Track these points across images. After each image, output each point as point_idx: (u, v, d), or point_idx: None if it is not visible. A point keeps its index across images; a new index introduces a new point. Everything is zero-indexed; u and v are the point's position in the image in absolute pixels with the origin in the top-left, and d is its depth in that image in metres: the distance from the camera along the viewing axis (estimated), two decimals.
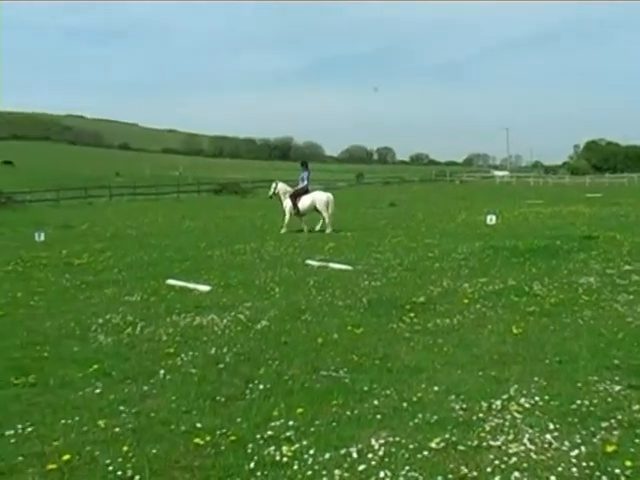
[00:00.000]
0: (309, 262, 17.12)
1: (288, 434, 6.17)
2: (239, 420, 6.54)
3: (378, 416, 6.57)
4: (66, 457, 5.76)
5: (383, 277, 14.65)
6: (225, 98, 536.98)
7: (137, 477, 5.45)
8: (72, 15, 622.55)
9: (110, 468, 5.59)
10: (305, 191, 27.57)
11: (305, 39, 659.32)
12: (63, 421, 6.69)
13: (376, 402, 6.96)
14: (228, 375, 8.00)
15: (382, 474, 5.37)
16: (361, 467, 5.50)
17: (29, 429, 6.51)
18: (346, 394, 7.24)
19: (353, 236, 23.40)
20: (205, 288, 13.72)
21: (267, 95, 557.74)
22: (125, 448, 5.93)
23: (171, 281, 14.65)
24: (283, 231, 26.46)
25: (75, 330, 10.55)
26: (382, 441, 5.95)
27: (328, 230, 26.38)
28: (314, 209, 27.14)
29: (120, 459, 5.74)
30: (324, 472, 5.44)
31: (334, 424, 6.41)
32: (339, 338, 9.56)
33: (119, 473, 5.51)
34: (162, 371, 8.17)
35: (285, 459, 5.68)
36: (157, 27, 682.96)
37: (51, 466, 5.64)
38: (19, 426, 6.55)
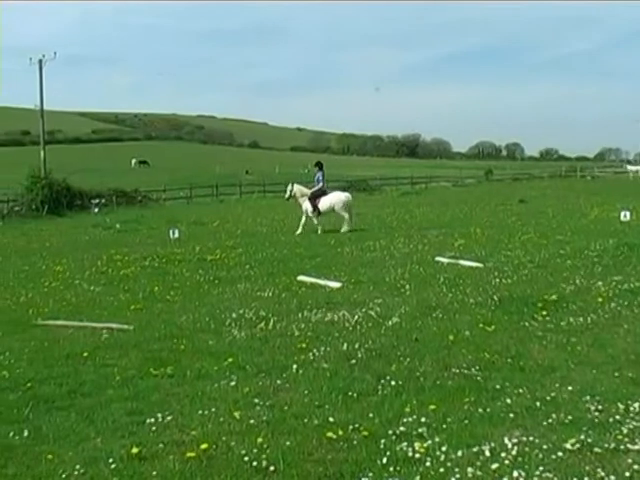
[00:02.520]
0: (439, 259, 17.03)
1: (420, 430, 6.18)
2: (371, 415, 6.59)
3: (511, 415, 6.51)
4: (204, 446, 5.93)
5: (514, 274, 14.44)
6: (352, 95, 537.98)
7: (272, 468, 5.57)
8: (204, 18, 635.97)
9: (246, 458, 5.73)
10: (323, 192, 27.38)
11: (432, 34, 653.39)
12: (200, 411, 6.91)
13: (509, 401, 6.89)
14: (360, 371, 8.07)
15: (515, 474, 5.31)
16: (494, 466, 5.45)
17: (168, 418, 6.75)
18: (478, 392, 7.20)
19: (483, 233, 23.09)
20: (336, 284, 13.84)
21: (394, 91, 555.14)
22: (260, 440, 6.07)
23: (302, 277, 14.84)
24: (298, 232, 26.27)
25: (210, 324, 10.86)
26: (515, 440, 5.89)
27: (344, 229, 26.21)
28: (332, 210, 26.98)
29: (255, 450, 5.87)
30: (457, 470, 5.42)
31: (466, 422, 6.38)
32: (470, 335, 9.51)
33: (254, 464, 5.64)
34: (295, 365, 8.31)
35: (417, 455, 5.69)
36: (283, 27, 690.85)
37: (190, 454, 5.83)
38: (159, 415, 6.81)
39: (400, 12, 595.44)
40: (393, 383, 7.52)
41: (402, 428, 6.24)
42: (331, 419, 6.52)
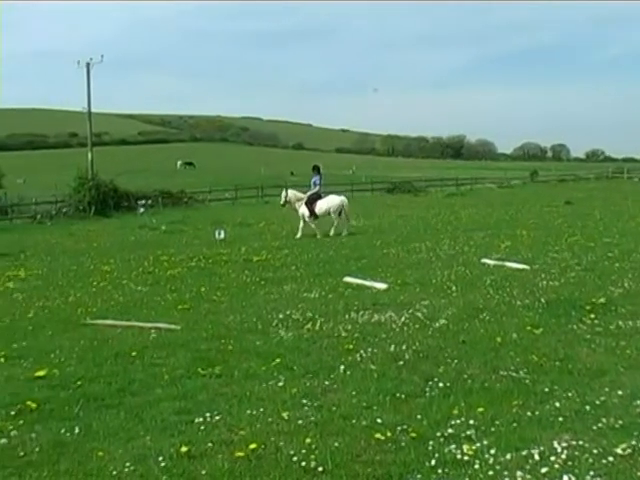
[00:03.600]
0: (485, 261, 16.93)
1: (468, 433, 6.16)
2: (419, 417, 6.58)
3: (560, 418, 6.45)
4: (253, 446, 5.96)
5: (561, 277, 14.31)
6: (397, 96, 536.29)
7: (320, 469, 5.58)
8: (250, 20, 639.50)
9: (294, 459, 5.75)
10: (318, 196, 27.25)
11: (478, 34, 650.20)
12: (248, 411, 6.95)
13: (557, 404, 6.84)
14: (408, 372, 8.06)
15: (566, 478, 5.27)
16: (544, 470, 5.42)
17: (217, 417, 6.80)
18: (526, 395, 7.15)
19: (529, 235, 22.91)
20: (382, 286, 13.83)
21: (440, 92, 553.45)
22: (308, 440, 6.09)
23: (348, 279, 14.84)
24: (298, 236, 26.14)
25: (257, 324, 10.91)
26: (565, 444, 5.84)
27: (345, 232, 26.14)
28: (328, 213, 26.87)
29: (304, 450, 5.89)
30: (505, 473, 5.40)
31: (515, 425, 6.35)
32: (518, 338, 9.44)
33: (303, 464, 5.66)
34: (342, 366, 8.31)
35: (466, 458, 5.67)
36: (330, 28, 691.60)
37: (239, 454, 5.86)
38: (207, 414, 6.87)
39: (446, 13, 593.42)
40: (441, 385, 7.50)
41: (450, 430, 6.22)
42: (379, 420, 6.51)
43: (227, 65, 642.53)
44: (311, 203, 26.75)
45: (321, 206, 26.68)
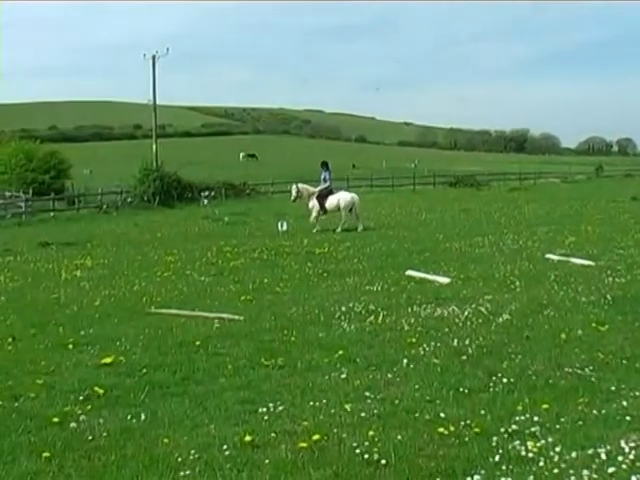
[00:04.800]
0: (549, 256, 16.73)
1: (533, 429, 6.09)
2: (483, 412, 6.53)
3: (627, 418, 6.34)
4: (316, 437, 5.98)
5: (627, 274, 14.07)
6: (459, 90, 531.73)
7: (383, 462, 5.57)
8: (312, 15, 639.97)
9: (357, 451, 5.76)
10: (329, 191, 27.30)
11: (543, 28, 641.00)
12: (311, 403, 6.97)
13: (624, 403, 6.72)
14: (471, 367, 8.01)
15: (634, 479, 5.18)
16: (610, 469, 5.31)
17: (280, 408, 6.85)
18: (592, 393, 7.05)
19: (594, 231, 22.56)
20: (445, 280, 13.76)
21: (501, 86, 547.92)
22: (371, 433, 6.09)
23: (411, 272, 14.80)
24: (315, 230, 26.25)
25: (319, 316, 10.94)
26: (632, 444, 5.72)
27: (339, 229, 26.15)
28: (338, 209, 26.86)
29: (366, 443, 5.89)
30: (571, 471, 5.31)
31: (580, 422, 6.26)
32: (583, 335, 9.31)
33: (366, 456, 5.66)
34: (405, 360, 8.30)
35: (530, 455, 5.60)
36: (393, 22, 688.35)
37: (302, 444, 5.89)
38: (270, 404, 6.92)
39: (511, 5, 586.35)
40: (505, 380, 7.43)
41: (514, 426, 6.16)
42: (442, 414, 6.49)
43: (290, 58, 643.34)
44: (322, 198, 26.89)
45: (332, 201, 26.89)
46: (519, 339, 9.18)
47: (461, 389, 7.22)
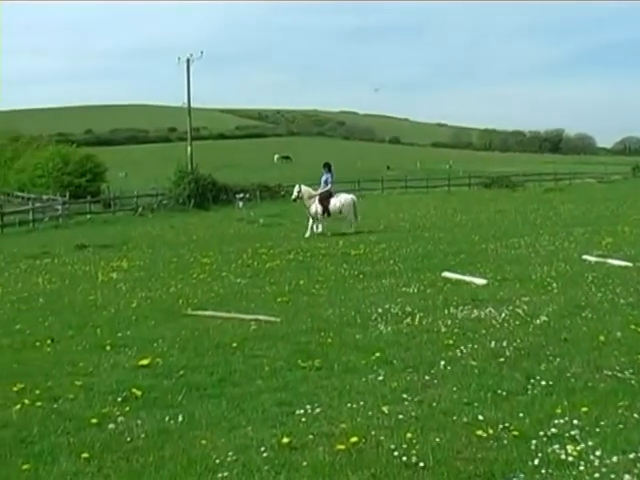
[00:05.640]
0: (586, 257, 16.56)
1: (572, 433, 6.01)
2: (521, 415, 6.47)
3: None
4: (353, 439, 5.96)
5: None
6: (492, 90, 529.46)
7: (421, 464, 5.54)
8: (345, 16, 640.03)
9: (395, 453, 5.73)
10: (330, 194, 27.12)
11: (576, 27, 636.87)
12: (349, 405, 6.95)
13: None
14: (509, 369, 7.95)
15: None
16: None
17: (317, 410, 6.83)
18: (632, 396, 6.94)
19: (632, 232, 22.31)
20: (481, 281, 13.68)
21: (535, 86, 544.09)
22: (409, 435, 6.05)
23: (447, 274, 14.73)
24: (307, 235, 26.00)
25: (356, 318, 10.92)
26: None
27: (351, 230, 26.23)
28: (340, 212, 26.80)
29: (404, 445, 5.86)
30: (612, 476, 5.24)
31: (620, 426, 6.17)
32: (622, 337, 9.18)
33: (404, 459, 5.62)
34: (442, 362, 8.25)
35: (570, 459, 5.53)
36: (425, 23, 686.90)
37: (340, 446, 5.87)
38: (308, 406, 6.90)
39: (545, 5, 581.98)
40: (543, 383, 7.36)
41: (553, 430, 6.09)
42: (480, 417, 6.44)
43: (324, 59, 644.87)
44: (325, 201, 26.74)
45: (335, 204, 26.76)
46: (557, 341, 9.09)
47: (499, 391, 7.16)
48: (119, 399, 7.47)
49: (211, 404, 7.23)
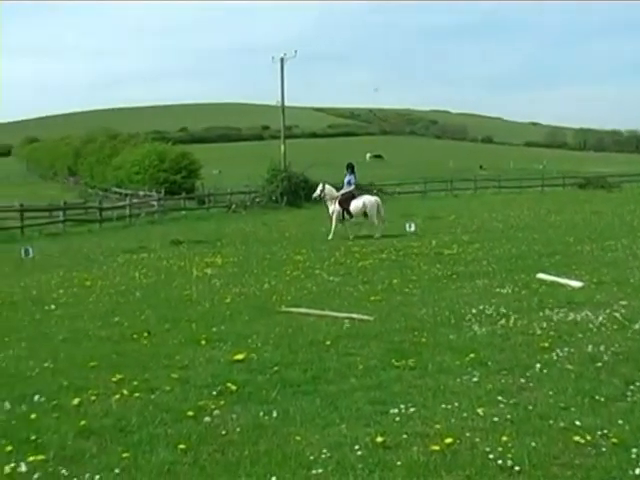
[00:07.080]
0: None
1: None
2: (620, 422, 6.33)
3: None
4: (448, 440, 5.93)
5: None
6: (587, 89, 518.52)
7: (517, 468, 5.49)
8: (439, 14, 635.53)
9: (490, 456, 5.68)
10: (352, 195, 26.51)
11: None
12: (443, 405, 6.93)
13: None
14: (607, 374, 7.78)
15: None
16: None
17: (411, 409, 6.82)
18: None
19: None
20: (577, 284, 13.41)
21: (632, 84, 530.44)
22: (504, 438, 6.00)
23: (542, 275, 14.49)
24: (330, 237, 25.41)
25: (450, 318, 10.84)
26: None
27: (377, 235, 25.34)
28: (363, 214, 26.10)
29: (500, 448, 5.80)
30: None
31: None
32: None
33: (499, 462, 5.57)
34: (538, 365, 8.13)
35: None
36: (520, 21, 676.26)
37: (434, 447, 5.85)
38: (402, 406, 6.89)
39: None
40: None
41: None
42: (577, 423, 6.32)
43: (416, 58, 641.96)
44: (346, 202, 26.32)
45: (357, 205, 26.28)
46: None
47: (597, 397, 7.02)
48: (214, 393, 7.59)
49: (305, 401, 7.28)
